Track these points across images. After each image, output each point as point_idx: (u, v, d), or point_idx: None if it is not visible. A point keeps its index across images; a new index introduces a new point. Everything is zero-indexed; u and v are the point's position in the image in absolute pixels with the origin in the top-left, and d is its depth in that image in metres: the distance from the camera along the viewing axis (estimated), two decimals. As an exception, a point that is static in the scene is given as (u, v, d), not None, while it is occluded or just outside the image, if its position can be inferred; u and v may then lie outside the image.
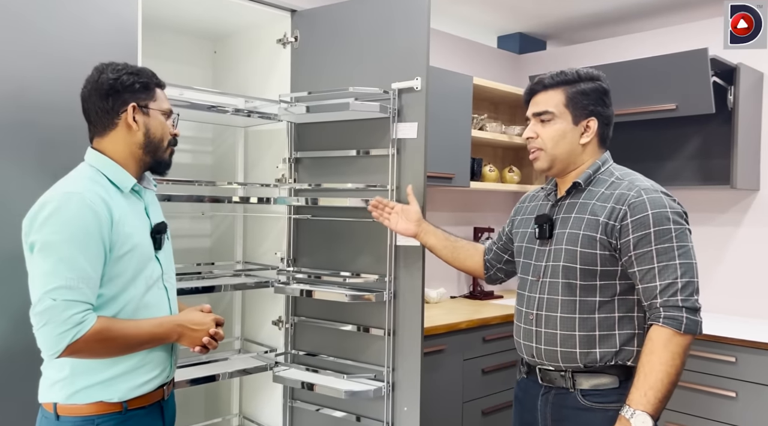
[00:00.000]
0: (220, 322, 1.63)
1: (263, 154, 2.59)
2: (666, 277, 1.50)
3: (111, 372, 1.48)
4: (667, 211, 1.53)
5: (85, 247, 1.39)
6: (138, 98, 1.54)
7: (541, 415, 1.67)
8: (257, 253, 2.62)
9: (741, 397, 2.63)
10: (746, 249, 3.14)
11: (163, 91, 1.62)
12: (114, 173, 1.53)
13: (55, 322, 1.35)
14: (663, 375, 1.46)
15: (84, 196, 1.42)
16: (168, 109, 1.61)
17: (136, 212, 1.56)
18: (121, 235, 1.47)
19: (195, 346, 1.57)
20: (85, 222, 1.40)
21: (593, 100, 1.66)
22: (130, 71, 1.54)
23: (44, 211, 1.40)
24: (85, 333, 1.37)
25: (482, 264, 2.00)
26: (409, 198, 2.06)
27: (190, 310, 1.63)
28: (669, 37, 3.39)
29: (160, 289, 1.58)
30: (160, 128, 1.58)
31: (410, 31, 2.14)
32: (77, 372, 1.46)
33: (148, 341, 1.50)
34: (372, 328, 2.26)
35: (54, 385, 1.47)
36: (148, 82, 1.56)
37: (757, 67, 3.05)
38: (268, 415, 2.56)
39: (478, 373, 3.00)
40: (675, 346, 1.47)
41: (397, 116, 2.16)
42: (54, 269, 1.37)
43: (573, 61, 3.67)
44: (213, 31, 2.71)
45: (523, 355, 1.72)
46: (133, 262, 1.50)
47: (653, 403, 1.45)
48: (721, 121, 3.02)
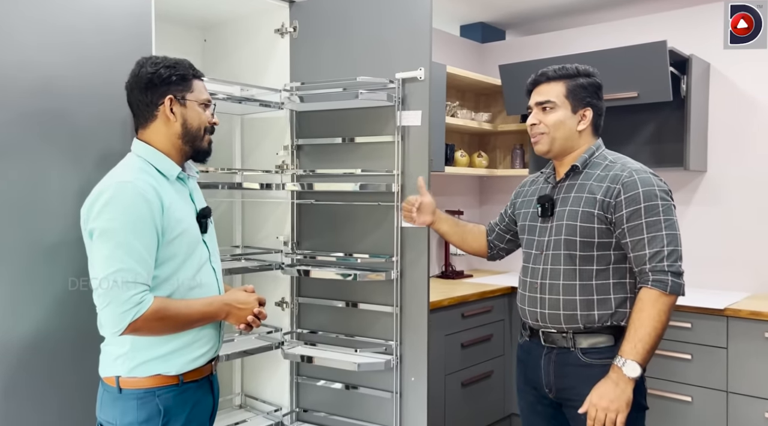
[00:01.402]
0: (263, 302, 1.74)
1: (261, 141, 2.66)
2: (654, 245, 1.72)
3: (168, 347, 1.57)
4: (655, 189, 1.76)
5: (140, 232, 1.48)
6: (175, 90, 1.61)
7: (544, 373, 1.87)
8: (257, 238, 2.69)
9: (696, 358, 2.92)
10: (696, 225, 3.45)
11: (201, 82, 1.69)
12: (160, 162, 1.62)
13: (117, 302, 1.44)
14: (651, 329, 1.68)
15: (136, 185, 1.50)
16: (206, 100, 1.68)
17: (182, 198, 1.65)
18: (172, 220, 1.55)
19: (240, 323, 1.67)
20: (139, 209, 1.48)
21: (590, 93, 1.87)
22: (167, 64, 1.61)
23: (101, 200, 1.49)
24: (145, 312, 1.46)
25: (486, 245, 2.18)
26: (421, 190, 2.18)
27: (235, 290, 1.73)
28: (626, 28, 3.64)
29: (209, 270, 1.68)
30: (197, 118, 1.66)
31: (412, 22, 2.26)
32: (137, 347, 1.55)
33: (200, 319, 1.60)
34: (378, 305, 2.39)
35: (116, 360, 1.56)
36: (185, 74, 1.64)
37: (705, 58, 3.34)
38: (271, 392, 2.66)
39: (458, 347, 3.18)
40: (662, 304, 1.69)
41: (401, 105, 2.28)
42: (113, 253, 1.46)
43: (534, 52, 3.89)
44: (203, 20, 2.73)
45: (528, 320, 1.92)
46: (184, 244, 1.59)
47: (642, 353, 1.68)
48: (673, 107, 3.29)
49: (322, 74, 2.43)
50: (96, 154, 1.84)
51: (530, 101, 1.92)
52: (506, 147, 4.15)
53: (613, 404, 1.67)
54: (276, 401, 2.65)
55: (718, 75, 3.38)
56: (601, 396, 1.69)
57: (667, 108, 3.32)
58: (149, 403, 1.54)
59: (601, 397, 1.69)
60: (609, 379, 1.70)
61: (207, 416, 1.69)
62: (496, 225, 2.17)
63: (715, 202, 3.41)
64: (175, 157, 1.64)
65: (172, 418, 1.56)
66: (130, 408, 1.54)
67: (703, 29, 3.40)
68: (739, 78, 3.32)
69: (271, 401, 2.66)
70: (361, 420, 2.45)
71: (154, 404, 1.54)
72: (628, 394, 1.68)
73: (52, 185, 1.77)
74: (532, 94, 1.92)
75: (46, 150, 1.76)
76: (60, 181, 1.78)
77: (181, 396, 1.59)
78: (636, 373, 1.67)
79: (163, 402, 1.55)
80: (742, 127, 3.32)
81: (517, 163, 3.99)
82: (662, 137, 3.43)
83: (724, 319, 2.84)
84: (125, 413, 1.54)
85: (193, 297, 1.61)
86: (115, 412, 1.55)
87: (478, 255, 2.22)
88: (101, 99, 1.86)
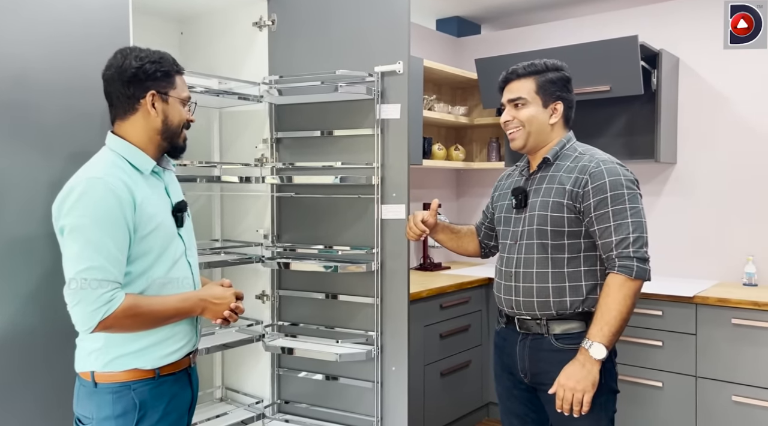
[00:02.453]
0: (240, 296, 1.72)
1: (239, 134, 2.66)
2: (620, 233, 1.78)
3: (142, 342, 1.56)
4: (621, 179, 1.82)
5: (110, 229, 1.47)
6: (158, 86, 1.60)
7: (519, 358, 1.93)
8: (236, 232, 2.70)
9: (667, 345, 3.01)
10: (667, 215, 3.54)
11: (182, 78, 1.67)
12: (134, 157, 1.60)
13: (87, 300, 1.43)
14: (616, 313, 1.74)
15: (107, 181, 1.49)
16: (186, 97, 1.67)
17: (157, 193, 1.63)
18: (144, 215, 1.54)
19: (217, 318, 1.67)
20: (109, 205, 1.47)
21: (559, 87, 1.93)
22: (153, 59, 1.59)
23: (71, 196, 1.47)
24: (115, 310, 1.45)
25: (479, 245, 2.22)
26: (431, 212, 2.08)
27: (211, 285, 1.72)
28: (599, 23, 3.71)
29: (184, 264, 1.67)
30: (178, 115, 1.64)
31: (391, 15, 2.28)
32: (111, 343, 1.54)
33: (174, 315, 1.59)
34: (359, 296, 2.42)
35: (90, 355, 1.55)
36: (169, 69, 1.62)
37: (674, 52, 3.43)
38: (252, 384, 2.67)
39: (437, 337, 3.23)
40: (627, 289, 1.76)
41: (380, 98, 2.31)
42: (82, 251, 1.45)
43: (509, 46, 3.93)
44: (180, 12, 2.72)
45: (503, 307, 1.98)
46: (158, 240, 1.58)
47: (608, 336, 1.74)
48: (644, 101, 3.37)
49: (301, 67, 2.44)
50: (71, 148, 1.81)
51: (503, 98, 1.97)
52: (482, 140, 4.20)
53: (580, 384, 1.73)
54: (257, 393, 2.66)
55: (687, 69, 3.47)
56: (568, 377, 1.76)
57: (638, 101, 3.40)
58: (125, 396, 1.53)
59: (568, 377, 1.75)
60: (576, 360, 1.77)
61: (185, 409, 1.69)
62: (482, 224, 2.22)
63: (684, 193, 3.50)
64: (150, 152, 1.62)
65: (149, 411, 1.56)
66: (105, 402, 1.53)
67: (673, 24, 3.49)
68: (707, 72, 3.41)
69: (252, 393, 2.68)
70: (343, 410, 2.48)
71: (130, 398, 1.54)
72: (595, 375, 1.74)
73: (24, 179, 1.74)
74: (504, 91, 1.97)
75: (19, 143, 1.74)
76: (32, 174, 1.75)
77: (158, 389, 1.58)
78: (602, 354, 1.73)
79: (138, 396, 1.55)
80: (710, 121, 3.41)
81: (494, 156, 4.04)
82: (634, 130, 3.51)
83: (693, 306, 2.93)
84: (101, 407, 1.53)
85: (168, 292, 1.59)
86: (91, 407, 1.55)
87: (473, 256, 2.26)
88: (77, 92, 1.84)
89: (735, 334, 2.83)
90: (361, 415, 2.43)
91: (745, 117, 3.31)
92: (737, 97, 3.33)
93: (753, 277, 3.18)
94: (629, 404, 3.02)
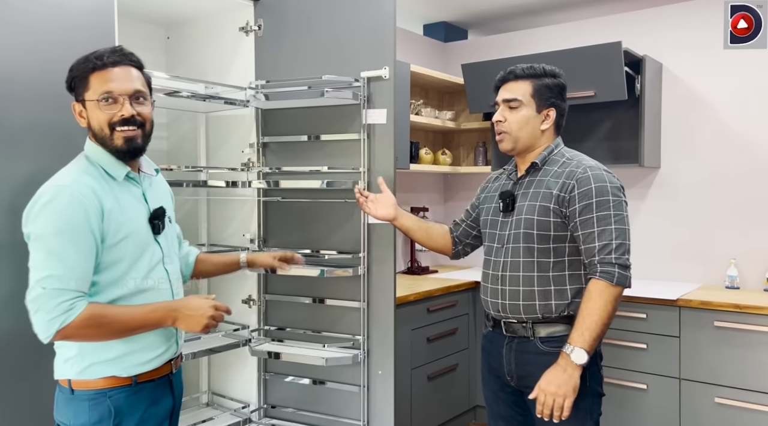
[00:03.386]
0: (221, 308, 1.63)
1: (226, 139, 2.66)
2: (603, 239, 1.80)
3: (117, 350, 1.54)
4: (607, 185, 1.84)
5: (74, 238, 1.44)
6: (77, 94, 1.57)
7: (506, 361, 1.94)
8: (223, 236, 2.69)
9: (651, 348, 3.03)
10: (651, 219, 3.58)
11: (102, 73, 1.54)
12: (107, 163, 1.57)
13: (45, 309, 1.41)
14: (597, 318, 1.76)
15: (74, 189, 1.47)
16: (103, 94, 1.53)
17: (132, 200, 1.60)
18: (113, 223, 1.51)
19: (191, 330, 1.59)
20: (75, 214, 1.45)
21: (554, 94, 1.94)
22: (71, 67, 1.57)
23: (38, 204, 1.46)
24: (74, 319, 1.42)
25: (451, 241, 2.23)
26: (381, 187, 2.20)
27: (190, 297, 1.66)
28: (583, 29, 3.75)
29: (161, 272, 1.63)
30: (95, 119, 1.56)
31: (376, 21, 2.30)
32: (85, 351, 1.52)
33: (141, 326, 1.54)
34: (346, 300, 2.43)
35: (66, 363, 1.54)
36: (81, 72, 1.55)
37: (657, 58, 3.47)
38: (239, 389, 2.67)
39: (424, 341, 3.24)
40: (608, 295, 1.77)
41: (367, 103, 2.32)
42: (45, 260, 1.43)
43: (495, 51, 3.97)
44: (166, 17, 2.72)
45: (490, 310, 1.99)
46: (129, 248, 1.55)
47: (588, 341, 1.76)
48: (628, 106, 3.41)
49: (288, 72, 2.45)
50: (53, 152, 1.79)
51: (497, 97, 1.98)
52: (469, 145, 4.23)
53: (561, 389, 1.74)
54: (244, 398, 2.66)
55: (670, 75, 3.51)
56: (549, 382, 1.77)
57: (622, 107, 3.44)
58: (101, 404, 1.52)
59: (549, 382, 1.76)
60: (558, 365, 1.78)
61: (165, 415, 1.65)
62: (462, 221, 2.22)
63: (667, 197, 3.54)
64: None
65: (125, 418, 1.53)
66: (82, 409, 1.52)
67: (657, 31, 3.53)
68: (690, 78, 3.46)
69: (238, 398, 2.67)
70: (329, 414, 2.48)
71: (106, 405, 1.52)
72: (576, 380, 1.75)
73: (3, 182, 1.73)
74: (499, 90, 1.98)
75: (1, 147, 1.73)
76: (11, 178, 1.74)
77: (135, 396, 1.56)
78: (583, 360, 1.75)
79: (114, 402, 1.52)
80: (693, 126, 3.46)
81: (480, 161, 4.07)
82: (618, 135, 3.55)
83: (677, 309, 2.96)
84: (78, 414, 1.52)
85: (144, 300, 1.56)
86: (68, 414, 1.54)
87: (442, 252, 2.27)
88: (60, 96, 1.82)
89: (718, 336, 2.87)
90: (348, 420, 2.43)
91: (728, 122, 3.36)
92: (720, 102, 3.38)
93: (735, 280, 3.22)
94: (614, 406, 3.04)
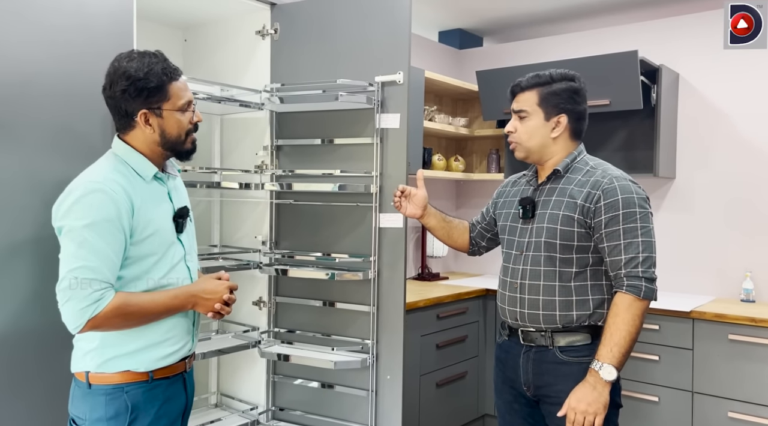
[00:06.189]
0: (234, 288, 1.72)
1: (240, 141, 2.68)
2: (630, 252, 1.77)
3: (137, 344, 1.58)
4: (634, 197, 1.81)
5: (104, 232, 1.49)
6: (149, 104, 1.58)
7: (523, 371, 1.91)
8: (235, 237, 2.71)
9: (663, 359, 3.00)
10: (665, 230, 3.54)
11: (180, 82, 1.63)
12: (137, 163, 1.62)
13: (77, 298, 1.46)
14: (625, 333, 1.74)
15: (105, 186, 1.51)
16: (183, 105, 1.64)
17: (158, 198, 1.65)
18: (142, 220, 1.56)
19: (208, 312, 1.67)
20: (106, 210, 1.50)
21: (564, 99, 1.90)
22: (138, 77, 1.55)
23: (69, 199, 1.51)
24: (104, 308, 1.47)
25: (469, 241, 2.23)
26: (419, 183, 2.17)
27: (205, 278, 1.71)
28: (599, 38, 3.74)
29: (183, 269, 1.68)
30: (176, 126, 1.63)
31: (392, 26, 2.31)
32: (106, 343, 1.56)
33: (165, 311, 1.60)
34: (356, 304, 2.42)
35: (85, 356, 1.57)
36: (158, 84, 1.58)
37: (674, 68, 3.45)
38: (247, 391, 2.67)
39: (434, 347, 3.23)
40: (635, 309, 1.75)
41: (380, 107, 2.32)
42: (76, 252, 1.48)
43: (510, 59, 3.96)
44: (183, 20, 2.75)
45: (507, 319, 1.96)
46: (155, 245, 1.60)
47: (617, 357, 1.73)
48: (644, 116, 3.39)
49: (303, 76, 2.46)
50: (74, 151, 1.84)
51: (511, 106, 1.97)
52: (482, 152, 4.22)
53: (591, 407, 1.72)
54: (252, 400, 2.66)
55: (686, 85, 3.49)
56: (579, 399, 1.73)
57: (637, 116, 3.42)
58: (118, 399, 1.55)
59: (579, 400, 1.73)
60: (587, 382, 1.75)
61: (178, 414, 1.69)
62: (478, 223, 2.22)
63: (682, 208, 3.51)
64: (154, 159, 1.64)
65: (140, 414, 1.57)
66: (98, 403, 1.55)
67: (673, 40, 3.51)
68: (706, 88, 3.43)
69: (247, 400, 2.68)
70: (337, 418, 2.48)
71: (122, 400, 1.55)
72: (606, 397, 1.73)
73: (27, 180, 1.76)
74: (512, 101, 1.97)
75: (22, 145, 1.76)
76: (36, 176, 1.77)
77: (151, 392, 1.59)
78: (612, 376, 1.72)
79: (131, 398, 1.56)
80: (709, 136, 3.43)
81: (493, 168, 4.06)
82: (633, 144, 3.53)
83: (690, 321, 2.93)
84: (94, 408, 1.55)
85: None
86: (84, 408, 1.56)
87: (459, 250, 2.27)
88: (82, 96, 1.86)
89: (732, 349, 2.83)
90: (356, 424, 2.43)
91: (744, 133, 3.33)
92: (736, 112, 3.35)
93: (750, 293, 3.19)
94: (626, 418, 2.99)
